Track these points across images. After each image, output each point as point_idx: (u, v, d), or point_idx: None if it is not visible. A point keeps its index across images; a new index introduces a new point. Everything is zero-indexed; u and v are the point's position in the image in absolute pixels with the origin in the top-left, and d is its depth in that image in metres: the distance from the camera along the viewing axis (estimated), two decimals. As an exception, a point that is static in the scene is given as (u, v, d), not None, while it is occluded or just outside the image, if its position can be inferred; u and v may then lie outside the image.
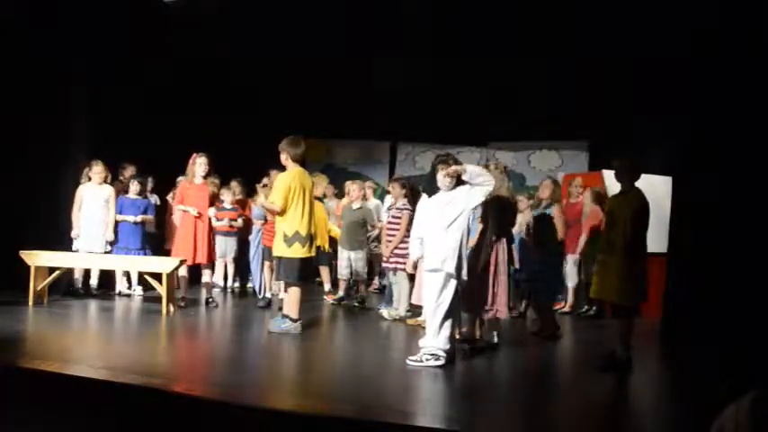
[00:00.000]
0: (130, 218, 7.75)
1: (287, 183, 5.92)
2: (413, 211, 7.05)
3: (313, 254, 6.13)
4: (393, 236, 7.10)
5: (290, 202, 5.88)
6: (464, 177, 4.85)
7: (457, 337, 5.50)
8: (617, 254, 4.82)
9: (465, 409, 4.02)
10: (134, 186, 7.96)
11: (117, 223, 7.82)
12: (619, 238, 4.82)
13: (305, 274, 6.04)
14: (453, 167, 4.90)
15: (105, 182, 7.79)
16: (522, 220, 7.67)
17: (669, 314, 6.44)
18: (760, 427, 1.15)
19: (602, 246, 5.15)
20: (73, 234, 7.67)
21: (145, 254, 7.75)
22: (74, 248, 7.71)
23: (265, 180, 7.59)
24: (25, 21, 7.44)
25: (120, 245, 7.78)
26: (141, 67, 8.48)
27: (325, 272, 8.56)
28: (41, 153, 7.84)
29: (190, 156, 7.36)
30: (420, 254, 5.09)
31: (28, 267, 6.84)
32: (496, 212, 5.52)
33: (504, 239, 5.61)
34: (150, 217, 7.71)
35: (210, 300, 7.42)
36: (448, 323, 4.76)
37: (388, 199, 8.55)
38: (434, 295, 4.81)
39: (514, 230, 7.55)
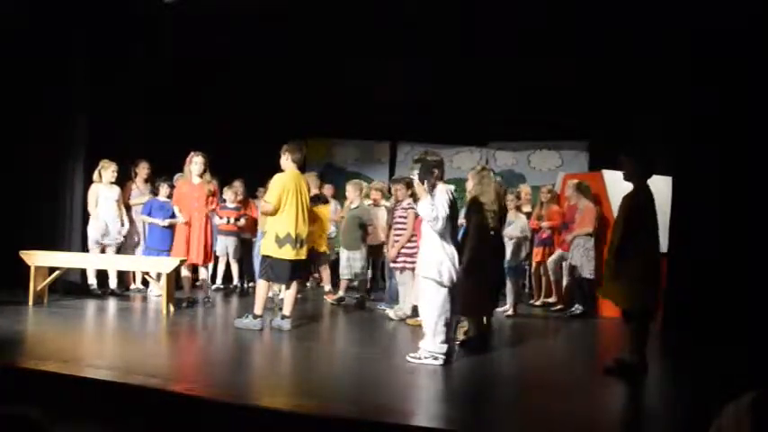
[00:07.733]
0: (159, 221, 7.76)
1: (282, 183, 5.94)
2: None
3: (303, 257, 6.09)
4: (400, 236, 7.11)
5: (283, 202, 5.89)
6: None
7: (461, 337, 5.50)
8: (612, 254, 4.79)
9: (465, 409, 4.01)
10: (164, 189, 7.96)
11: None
12: (614, 238, 4.80)
13: (294, 275, 6.05)
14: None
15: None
16: (518, 223, 7.68)
17: (669, 314, 6.44)
18: (760, 427, 1.15)
19: (609, 246, 5.15)
20: (99, 230, 7.70)
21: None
22: (89, 244, 7.76)
23: (262, 189, 7.61)
24: (25, 20, 7.44)
25: (150, 245, 7.81)
26: (141, 67, 8.48)
27: (325, 272, 8.55)
28: (41, 153, 7.84)
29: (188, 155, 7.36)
30: None
31: (28, 267, 6.83)
32: (472, 214, 5.54)
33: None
34: (176, 220, 7.47)
35: (207, 299, 7.44)
36: (442, 326, 4.76)
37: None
38: (425, 298, 4.88)
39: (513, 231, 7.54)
